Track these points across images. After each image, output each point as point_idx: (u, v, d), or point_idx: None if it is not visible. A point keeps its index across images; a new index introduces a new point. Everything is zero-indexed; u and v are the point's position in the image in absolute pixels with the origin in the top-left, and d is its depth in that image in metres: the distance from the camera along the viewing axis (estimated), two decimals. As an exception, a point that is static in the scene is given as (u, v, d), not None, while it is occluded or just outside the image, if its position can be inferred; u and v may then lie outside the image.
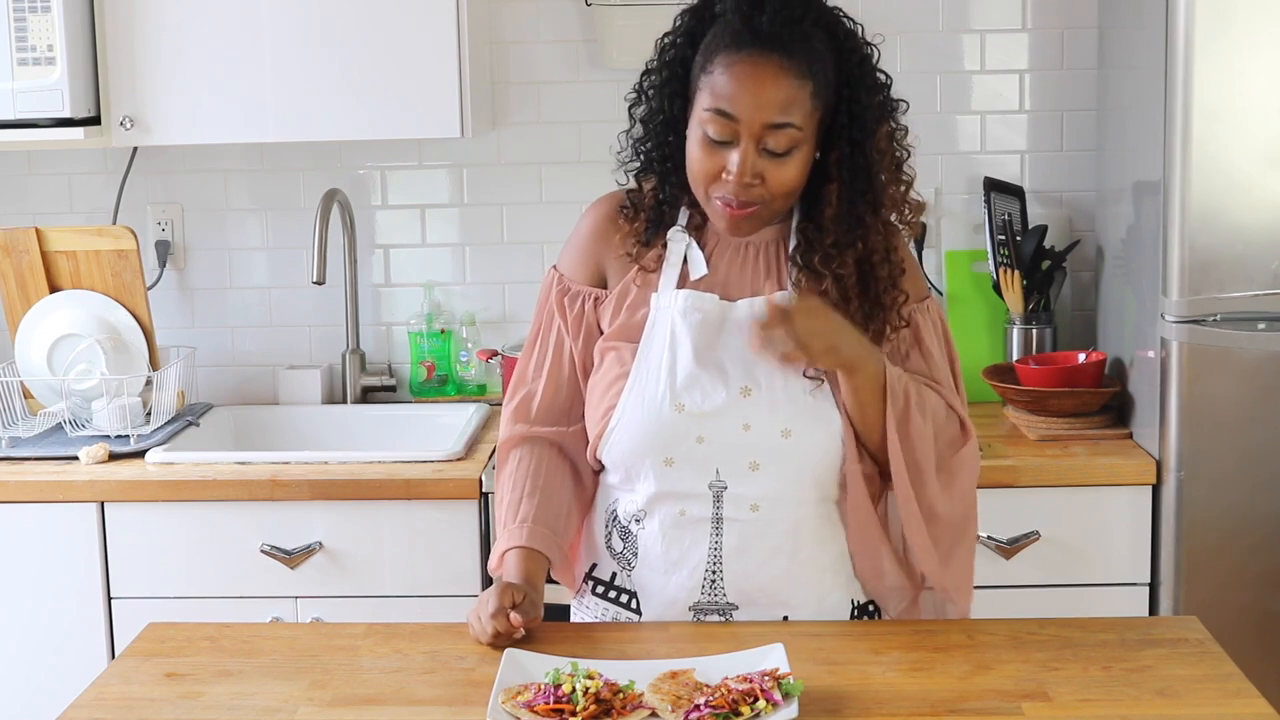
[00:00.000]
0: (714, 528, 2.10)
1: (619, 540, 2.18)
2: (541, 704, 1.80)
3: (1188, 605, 2.89)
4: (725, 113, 2.01)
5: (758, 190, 2.03)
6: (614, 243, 2.19)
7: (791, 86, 2.01)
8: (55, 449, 3.17)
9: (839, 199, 2.07)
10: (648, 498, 2.13)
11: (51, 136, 3.20)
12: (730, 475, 2.09)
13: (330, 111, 3.23)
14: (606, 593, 2.21)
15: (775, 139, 2.01)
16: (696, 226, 2.16)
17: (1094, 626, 2.12)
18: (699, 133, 2.05)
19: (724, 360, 2.10)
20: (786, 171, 2.03)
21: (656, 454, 2.10)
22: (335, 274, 3.52)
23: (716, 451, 2.08)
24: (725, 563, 2.11)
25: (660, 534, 2.13)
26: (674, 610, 2.14)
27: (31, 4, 3.13)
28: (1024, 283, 3.38)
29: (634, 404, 2.10)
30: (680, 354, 2.10)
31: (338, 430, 3.49)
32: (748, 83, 2.00)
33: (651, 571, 2.15)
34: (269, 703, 1.91)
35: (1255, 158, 2.84)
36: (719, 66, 2.03)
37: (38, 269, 3.35)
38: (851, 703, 1.87)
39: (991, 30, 3.52)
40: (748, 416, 2.08)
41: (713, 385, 2.08)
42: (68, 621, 3.05)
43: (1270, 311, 2.87)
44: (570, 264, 2.23)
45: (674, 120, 2.11)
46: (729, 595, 2.12)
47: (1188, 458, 2.91)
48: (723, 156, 2.03)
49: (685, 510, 2.11)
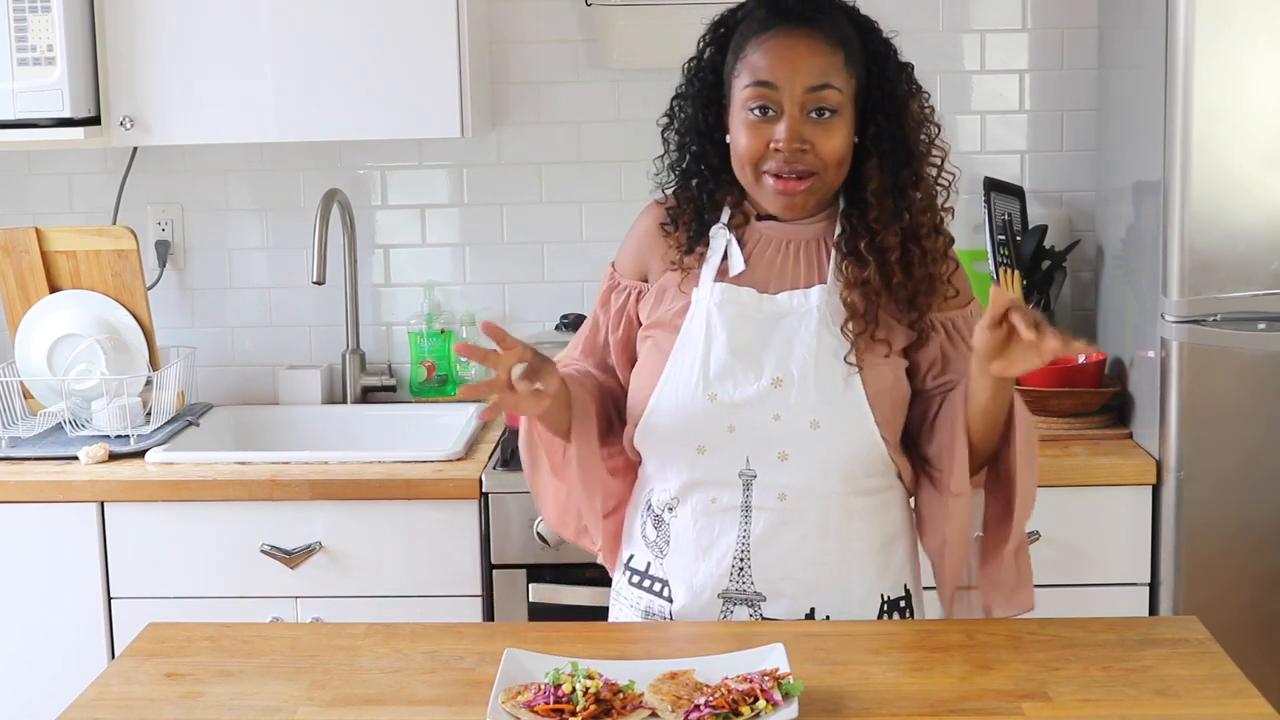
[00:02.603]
0: (743, 515, 2.13)
1: (652, 529, 2.22)
2: (541, 704, 1.80)
3: (1188, 605, 2.89)
4: (766, 82, 2.08)
5: (809, 158, 2.08)
6: (661, 247, 2.24)
7: (825, 53, 2.09)
8: (55, 449, 3.17)
9: (880, 172, 2.12)
10: (680, 485, 2.17)
11: (51, 136, 3.20)
12: (760, 464, 2.11)
13: (330, 111, 3.23)
14: (641, 582, 2.23)
15: (818, 99, 2.07)
16: (738, 225, 2.19)
17: (1094, 626, 2.12)
18: (742, 115, 2.10)
19: (759, 352, 2.13)
20: (834, 138, 2.09)
21: (689, 441, 2.13)
22: (335, 274, 3.52)
23: (747, 440, 2.11)
24: (753, 550, 2.13)
25: (691, 521, 2.16)
26: (704, 598, 2.16)
27: (31, 4, 3.13)
28: (1024, 283, 3.38)
29: (668, 392, 2.14)
30: (715, 345, 2.13)
31: (338, 430, 3.49)
32: (784, 52, 2.08)
33: (682, 558, 2.17)
34: (269, 703, 1.91)
35: (1255, 158, 2.84)
36: (751, 49, 2.11)
37: (38, 269, 3.35)
38: (851, 703, 1.87)
39: (991, 30, 3.52)
40: (778, 407, 2.10)
41: (745, 376, 2.11)
42: (68, 621, 3.05)
43: (1270, 311, 2.87)
44: (623, 261, 2.29)
45: (710, 129, 2.17)
46: (756, 584, 2.14)
47: (1188, 458, 2.91)
48: (769, 130, 2.08)
49: (716, 498, 2.14)
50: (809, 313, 2.13)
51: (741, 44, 2.12)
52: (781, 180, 2.10)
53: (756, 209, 2.19)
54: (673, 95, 2.23)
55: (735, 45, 2.14)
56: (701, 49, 2.20)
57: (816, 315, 2.13)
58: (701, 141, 2.18)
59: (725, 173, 2.17)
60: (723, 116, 2.16)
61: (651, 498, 2.22)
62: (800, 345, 2.11)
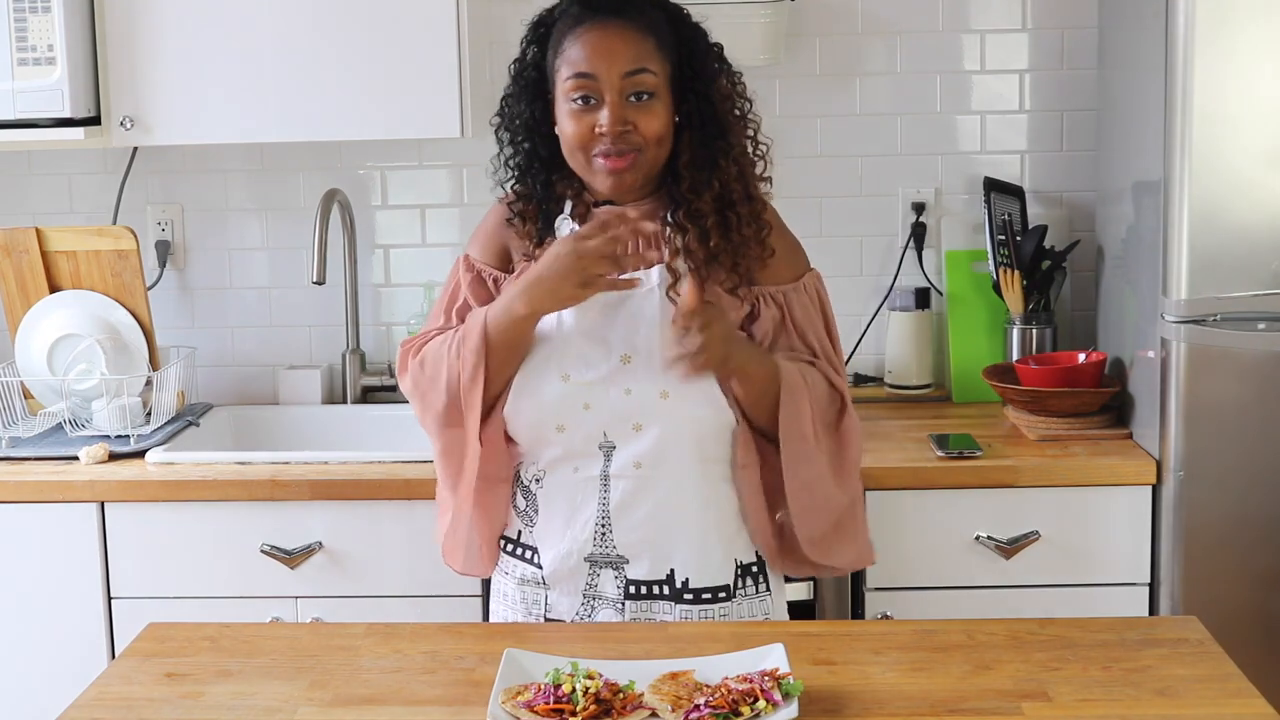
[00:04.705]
0: (602, 484, 2.27)
1: (522, 499, 2.35)
2: (541, 704, 1.80)
3: (1188, 605, 2.89)
4: (584, 74, 2.21)
5: (632, 137, 2.21)
6: (515, 240, 2.36)
7: (637, 40, 2.22)
8: (55, 449, 3.17)
9: (691, 144, 2.25)
10: (546, 460, 2.30)
11: (51, 136, 3.20)
12: (617, 436, 2.25)
13: (330, 111, 3.23)
14: (514, 550, 2.36)
15: (636, 83, 2.20)
16: (580, 215, 2.31)
17: (1094, 626, 2.12)
18: (566, 106, 2.24)
19: (606, 331, 2.25)
20: (654, 119, 2.22)
21: (549, 421, 2.26)
22: (335, 274, 3.52)
23: (602, 415, 2.25)
24: (613, 516, 2.26)
25: (556, 491, 2.30)
26: (570, 562, 2.28)
27: (31, 4, 3.13)
28: (1024, 283, 3.38)
29: (526, 376, 2.26)
30: (565, 327, 2.26)
31: (338, 430, 3.49)
32: (598, 44, 2.22)
33: (549, 526, 2.31)
34: (269, 703, 1.92)
35: (1255, 158, 2.84)
36: (569, 43, 2.24)
37: (38, 269, 3.35)
38: (851, 703, 1.87)
39: (991, 30, 3.52)
40: (628, 381, 2.24)
41: (595, 355, 2.25)
42: (68, 621, 3.05)
43: (1270, 311, 2.86)
44: (479, 249, 2.39)
45: (537, 123, 2.30)
46: (619, 548, 2.27)
47: (1188, 458, 2.91)
48: (593, 116, 2.21)
49: (578, 468, 2.27)
50: (651, 290, 2.25)
51: (560, 40, 2.25)
52: (608, 159, 2.21)
53: (595, 196, 2.30)
54: (501, 95, 2.35)
55: (554, 42, 2.27)
56: (524, 48, 2.33)
57: (658, 291, 2.25)
58: (531, 136, 2.30)
59: (558, 164, 2.29)
60: (550, 111, 2.28)
61: (521, 471, 2.34)
62: (644, 322, 2.24)
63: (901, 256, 3.54)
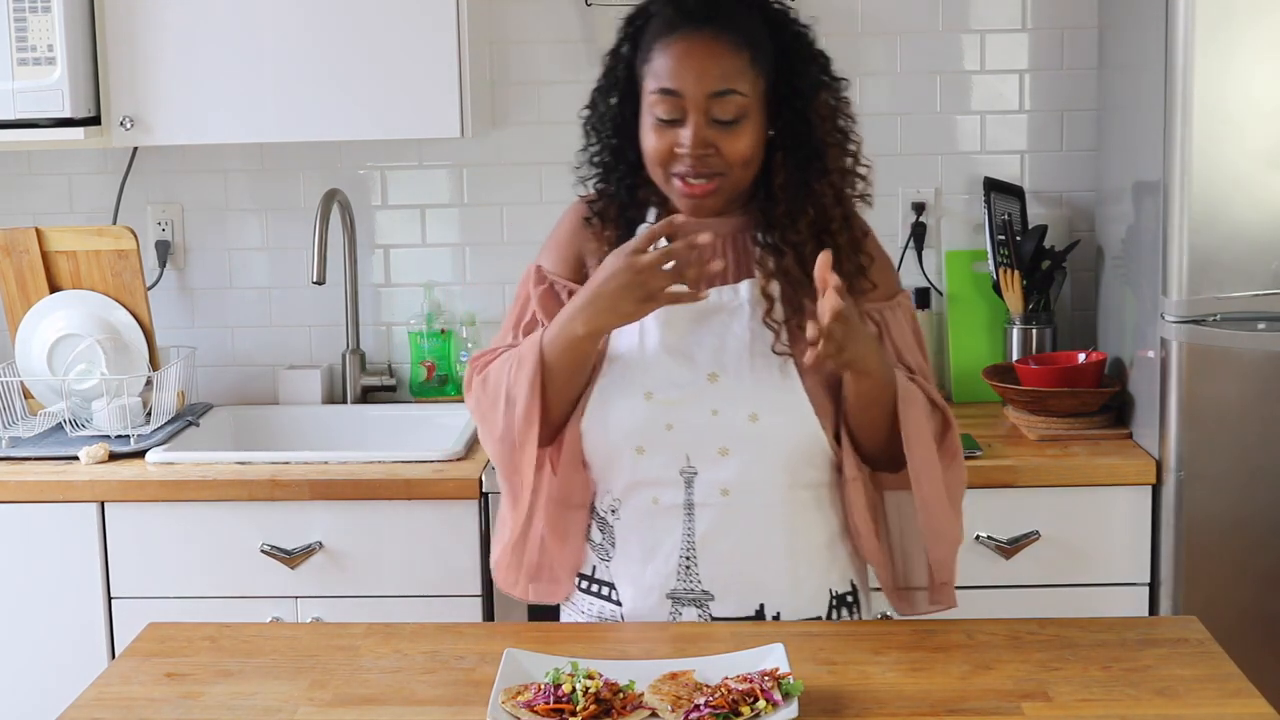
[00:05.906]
0: (686, 514, 2.13)
1: (598, 532, 2.21)
2: (541, 704, 1.80)
3: (1188, 605, 2.89)
4: (669, 90, 2.07)
5: (714, 160, 2.08)
6: (591, 244, 2.22)
7: (728, 56, 2.07)
8: (55, 449, 3.17)
9: (785, 166, 2.12)
10: (622, 487, 2.16)
11: (51, 136, 3.20)
12: (700, 461, 2.11)
13: (330, 111, 3.23)
14: (590, 587, 2.23)
15: (722, 107, 2.06)
16: None
17: (1094, 626, 2.12)
18: (650, 119, 2.10)
19: (691, 348, 2.12)
20: (739, 141, 2.08)
21: (627, 442, 2.13)
22: (335, 274, 3.52)
23: (686, 438, 2.11)
24: (698, 549, 2.13)
25: (635, 522, 2.16)
26: (651, 599, 2.16)
27: (31, 4, 3.13)
28: (1024, 283, 3.38)
29: (603, 394, 2.13)
30: (648, 344, 2.13)
31: (338, 430, 3.49)
32: (686, 58, 2.07)
33: (628, 561, 2.18)
34: (269, 703, 1.92)
35: (1255, 158, 2.84)
36: (657, 51, 2.09)
37: (38, 269, 3.35)
38: (851, 703, 1.87)
39: (991, 30, 3.52)
40: (715, 402, 2.10)
41: (680, 372, 2.11)
42: (68, 621, 3.05)
43: (1270, 311, 2.86)
44: (552, 259, 2.26)
45: (625, 123, 2.16)
46: (704, 582, 2.14)
47: (1188, 458, 2.91)
48: (675, 134, 2.08)
49: (658, 498, 2.13)
50: (740, 306, 2.14)
51: (649, 45, 2.11)
52: (686, 184, 2.09)
53: (680, 207, 2.16)
54: (594, 87, 2.23)
55: (645, 44, 2.12)
56: (618, 43, 2.19)
57: (748, 309, 2.13)
58: (620, 135, 2.18)
59: (644, 168, 2.16)
60: (638, 112, 2.14)
61: (596, 501, 2.21)
62: (733, 339, 2.12)
63: (901, 256, 3.54)
